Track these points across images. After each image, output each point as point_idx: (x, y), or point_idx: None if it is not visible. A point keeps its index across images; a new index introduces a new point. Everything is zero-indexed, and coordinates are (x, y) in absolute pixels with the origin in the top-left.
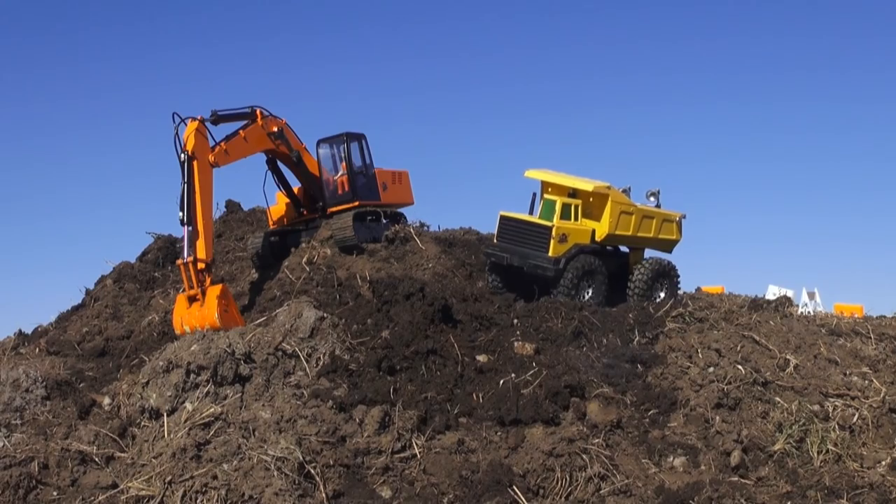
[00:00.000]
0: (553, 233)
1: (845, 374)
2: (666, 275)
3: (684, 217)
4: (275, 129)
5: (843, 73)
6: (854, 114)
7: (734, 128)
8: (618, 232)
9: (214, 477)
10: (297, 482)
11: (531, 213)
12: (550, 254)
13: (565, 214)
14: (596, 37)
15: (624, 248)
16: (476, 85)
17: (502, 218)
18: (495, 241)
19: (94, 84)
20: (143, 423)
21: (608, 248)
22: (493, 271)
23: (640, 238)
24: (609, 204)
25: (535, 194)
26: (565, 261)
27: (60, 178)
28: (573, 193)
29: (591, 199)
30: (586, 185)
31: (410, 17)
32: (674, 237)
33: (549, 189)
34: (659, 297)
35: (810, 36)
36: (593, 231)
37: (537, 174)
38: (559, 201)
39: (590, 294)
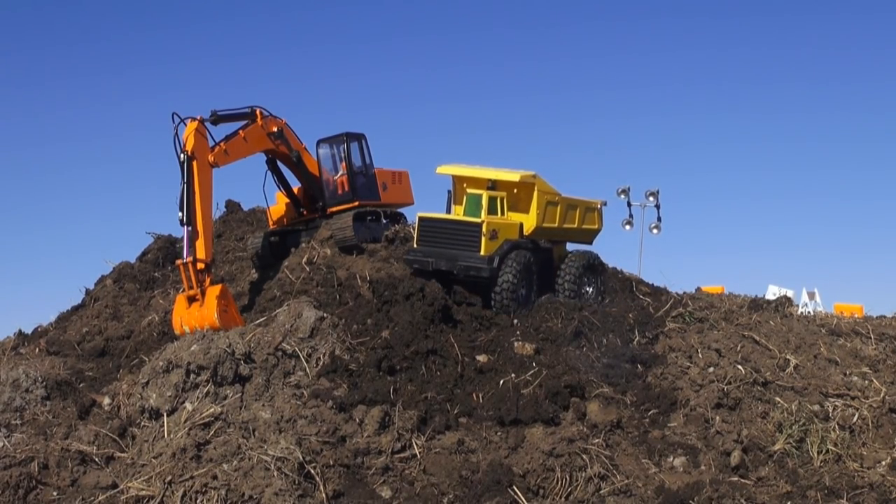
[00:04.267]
0: (484, 229)
1: (845, 374)
2: (593, 268)
3: (605, 204)
4: (274, 129)
5: (845, 76)
6: (854, 115)
7: (735, 129)
8: (545, 224)
9: (214, 477)
10: (297, 482)
11: (448, 213)
12: (482, 253)
13: (492, 209)
14: (601, 40)
15: (545, 244)
16: (477, 84)
17: (422, 220)
18: (415, 245)
19: (94, 85)
20: (143, 423)
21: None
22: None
23: (565, 230)
24: (536, 194)
25: (449, 192)
26: (499, 259)
27: (60, 179)
28: (493, 186)
29: (514, 191)
30: (511, 174)
31: (415, 17)
32: (596, 227)
33: (467, 184)
34: (587, 291)
35: (811, 42)
36: (521, 225)
37: (451, 169)
38: (485, 195)
39: (522, 294)
